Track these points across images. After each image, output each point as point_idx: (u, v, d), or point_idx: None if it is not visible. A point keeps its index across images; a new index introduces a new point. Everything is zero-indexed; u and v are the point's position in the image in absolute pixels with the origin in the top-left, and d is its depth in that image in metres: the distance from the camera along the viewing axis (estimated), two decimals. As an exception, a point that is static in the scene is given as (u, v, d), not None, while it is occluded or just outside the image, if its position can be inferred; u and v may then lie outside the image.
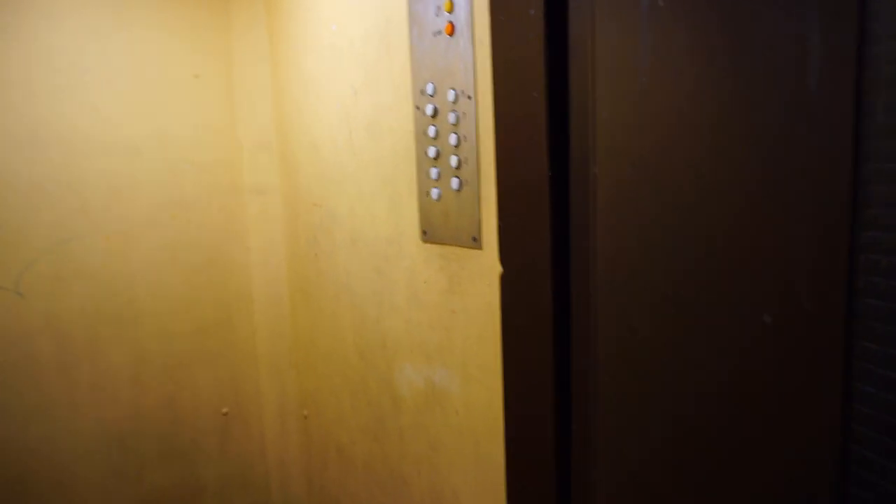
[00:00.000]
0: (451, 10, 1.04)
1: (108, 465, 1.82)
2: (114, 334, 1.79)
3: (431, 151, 1.13)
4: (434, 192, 1.15)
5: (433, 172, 1.14)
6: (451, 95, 1.06)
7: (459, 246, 1.11)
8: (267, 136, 1.95)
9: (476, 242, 1.06)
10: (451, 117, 1.06)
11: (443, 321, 1.20)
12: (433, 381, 1.26)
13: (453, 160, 1.08)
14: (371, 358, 1.50)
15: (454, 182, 1.08)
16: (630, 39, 0.62)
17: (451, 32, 1.04)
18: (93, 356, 1.77)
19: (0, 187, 1.63)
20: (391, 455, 1.45)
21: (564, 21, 0.71)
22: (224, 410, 1.99)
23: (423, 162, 1.17)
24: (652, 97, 0.61)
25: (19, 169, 1.64)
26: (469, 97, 1.02)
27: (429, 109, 1.12)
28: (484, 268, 1.06)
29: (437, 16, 1.07)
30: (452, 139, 1.07)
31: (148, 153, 1.80)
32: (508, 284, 0.86)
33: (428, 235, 1.20)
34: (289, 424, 2.07)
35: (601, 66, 0.66)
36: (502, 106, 0.82)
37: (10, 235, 1.65)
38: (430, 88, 1.12)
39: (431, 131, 1.12)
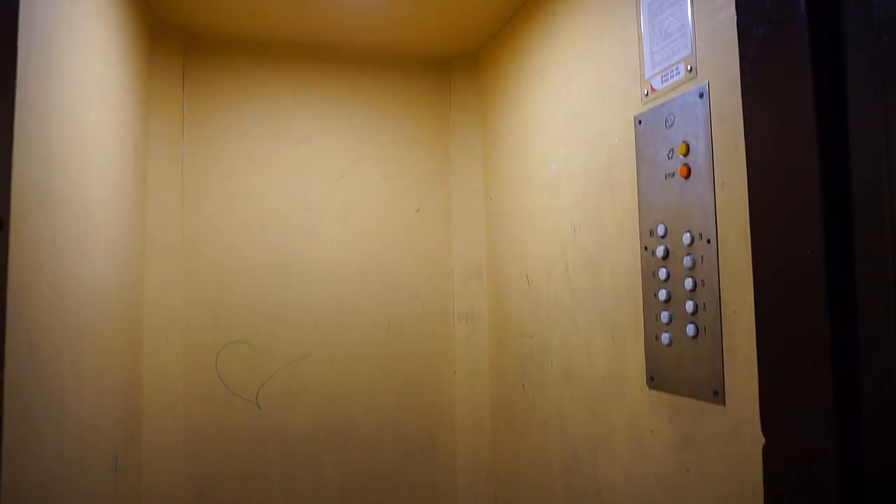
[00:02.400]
0: (686, 154, 1.02)
1: (314, 581, 1.87)
2: (329, 450, 1.90)
3: (662, 294, 1.07)
4: (664, 337, 1.07)
5: (664, 316, 1.07)
6: (686, 238, 1.01)
7: (695, 398, 1.01)
8: (478, 266, 2.03)
9: (717, 397, 0.96)
10: (687, 261, 1.01)
11: (673, 479, 1.08)
12: (660, 546, 1.12)
13: (689, 305, 1.01)
14: (582, 505, 1.39)
15: (690, 328, 1.01)
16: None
17: (687, 175, 1.01)
18: (310, 470, 1.88)
19: (258, 314, 1.87)
20: None
21: (846, 158, 0.64)
22: (422, 538, 1.96)
23: (651, 304, 1.12)
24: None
25: (273, 295, 1.89)
26: (708, 241, 0.97)
27: (659, 251, 1.08)
28: (727, 427, 0.94)
29: (670, 158, 1.06)
30: (688, 283, 1.01)
31: (370, 277, 1.97)
32: (776, 462, 0.74)
33: (655, 382, 1.12)
34: (485, 561, 1.97)
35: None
36: (764, 258, 0.76)
37: (260, 352, 1.87)
38: (660, 230, 1.08)
39: (662, 273, 1.08)
